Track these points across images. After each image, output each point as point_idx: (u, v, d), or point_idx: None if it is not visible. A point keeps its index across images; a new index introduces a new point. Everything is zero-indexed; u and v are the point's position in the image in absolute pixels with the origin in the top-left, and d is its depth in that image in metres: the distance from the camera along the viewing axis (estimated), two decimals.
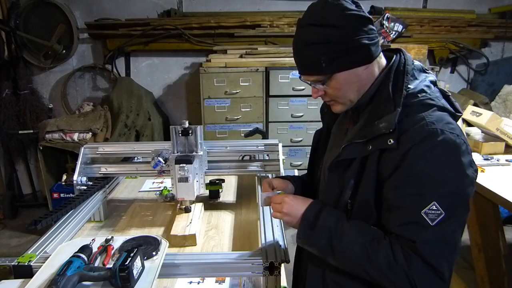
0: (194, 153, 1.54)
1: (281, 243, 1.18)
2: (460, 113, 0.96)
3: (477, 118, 2.29)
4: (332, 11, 0.90)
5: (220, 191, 1.80)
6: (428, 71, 1.01)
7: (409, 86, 0.93)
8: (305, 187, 1.23)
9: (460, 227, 0.87)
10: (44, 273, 1.03)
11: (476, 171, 0.91)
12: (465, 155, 0.86)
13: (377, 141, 0.90)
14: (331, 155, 1.05)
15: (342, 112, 1.04)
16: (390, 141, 0.87)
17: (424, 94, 0.92)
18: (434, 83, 0.98)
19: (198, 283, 1.23)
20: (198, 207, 1.57)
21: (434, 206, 0.82)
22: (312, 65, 0.94)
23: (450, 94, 0.99)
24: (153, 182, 2.01)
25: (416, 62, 1.00)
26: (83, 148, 1.71)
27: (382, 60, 0.99)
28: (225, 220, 1.60)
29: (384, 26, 3.51)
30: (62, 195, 3.30)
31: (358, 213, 0.95)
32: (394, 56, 1.00)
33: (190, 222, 1.45)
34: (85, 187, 1.63)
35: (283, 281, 1.17)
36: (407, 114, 0.89)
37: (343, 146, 0.96)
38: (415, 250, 0.85)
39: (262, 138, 2.37)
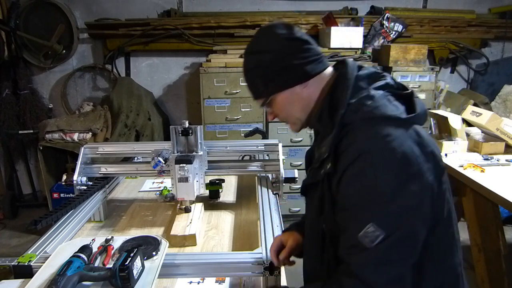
0: (194, 153, 1.55)
1: None
2: (418, 113, 0.86)
3: (477, 118, 2.29)
4: (262, 38, 0.97)
5: (220, 191, 1.80)
6: (381, 74, 0.95)
7: (350, 101, 0.89)
8: None
9: (407, 240, 0.80)
10: (44, 273, 1.03)
11: (434, 177, 0.83)
12: (408, 166, 0.79)
13: (323, 166, 0.90)
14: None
15: (299, 131, 1.06)
16: (328, 166, 0.88)
17: (363, 108, 0.86)
18: (385, 86, 0.91)
19: (198, 283, 1.23)
20: (198, 207, 1.57)
21: (371, 227, 0.78)
22: (254, 90, 1.01)
23: (411, 91, 0.92)
24: (153, 182, 2.01)
25: (363, 72, 0.94)
26: (83, 148, 1.71)
27: (327, 76, 0.98)
28: (225, 220, 1.60)
29: (384, 26, 3.51)
30: (62, 195, 3.30)
31: (331, 237, 0.93)
32: (336, 70, 0.98)
33: (190, 222, 1.45)
34: (85, 187, 1.63)
35: (283, 281, 1.16)
36: (346, 133, 0.86)
37: (308, 170, 0.98)
38: (350, 274, 0.82)
39: (262, 138, 2.37)
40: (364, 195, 0.81)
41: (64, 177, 3.42)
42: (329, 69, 0.99)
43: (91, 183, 1.68)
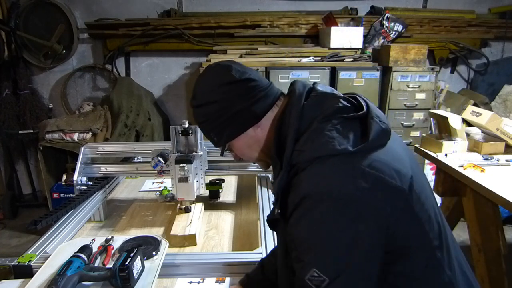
0: (194, 153, 1.55)
1: None
2: (370, 141, 0.79)
3: (477, 118, 2.29)
4: (202, 89, 0.95)
5: (220, 191, 1.80)
6: (333, 97, 0.89)
7: (297, 136, 0.84)
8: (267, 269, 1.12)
9: (355, 280, 0.78)
10: (44, 273, 1.03)
11: (388, 206, 0.77)
12: (347, 208, 0.75)
13: (276, 207, 0.91)
14: None
15: (268, 168, 1.03)
16: (277, 211, 0.89)
17: (309, 146, 0.82)
18: (337, 112, 0.84)
19: (198, 283, 1.23)
20: (198, 207, 1.57)
21: (315, 273, 0.76)
22: (211, 141, 1.00)
23: (365, 111, 0.84)
24: (153, 182, 2.01)
25: (311, 100, 0.88)
26: (83, 148, 1.71)
27: (277, 108, 0.94)
28: (225, 220, 1.60)
29: (384, 26, 3.51)
30: (62, 195, 3.30)
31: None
32: (286, 96, 0.95)
33: (190, 222, 1.45)
34: (85, 187, 1.63)
35: None
36: (294, 175, 0.84)
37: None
38: None
39: None
40: (306, 240, 0.79)
41: (64, 177, 3.42)
42: (279, 98, 0.95)
43: (91, 183, 1.68)
